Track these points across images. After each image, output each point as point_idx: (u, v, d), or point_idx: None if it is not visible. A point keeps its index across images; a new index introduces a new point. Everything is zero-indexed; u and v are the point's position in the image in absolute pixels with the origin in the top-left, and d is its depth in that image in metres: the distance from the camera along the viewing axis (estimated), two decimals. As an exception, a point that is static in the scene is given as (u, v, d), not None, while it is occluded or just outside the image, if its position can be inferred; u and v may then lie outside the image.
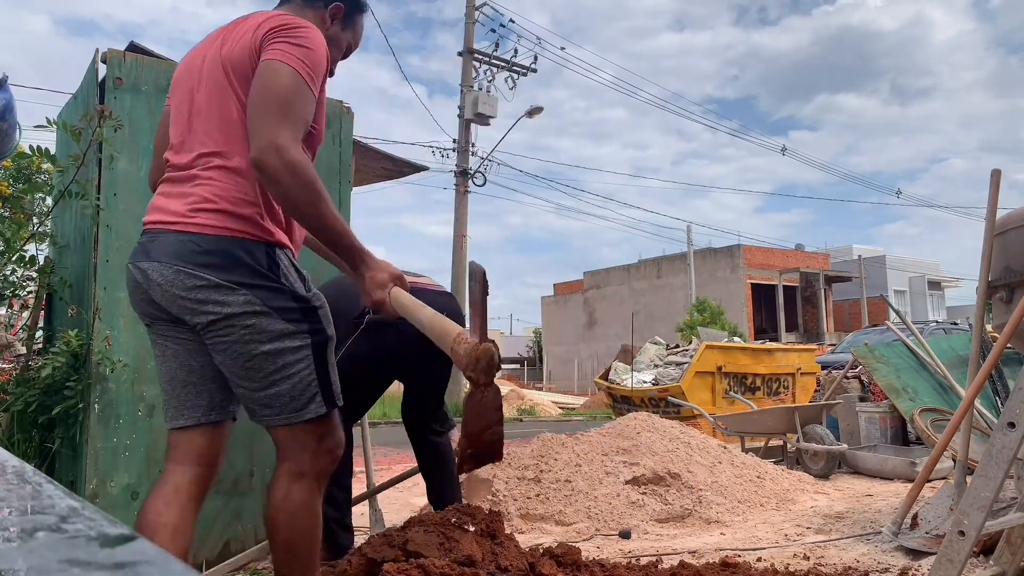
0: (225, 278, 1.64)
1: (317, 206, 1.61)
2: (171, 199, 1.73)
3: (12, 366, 3.24)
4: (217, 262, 1.65)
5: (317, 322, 1.75)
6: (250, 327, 1.65)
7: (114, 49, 2.89)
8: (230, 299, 1.64)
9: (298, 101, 1.64)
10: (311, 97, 1.69)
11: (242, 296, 1.64)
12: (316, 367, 1.73)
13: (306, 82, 1.66)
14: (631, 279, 32.17)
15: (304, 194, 1.59)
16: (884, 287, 29.39)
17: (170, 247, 1.67)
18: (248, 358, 1.67)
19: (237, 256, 1.65)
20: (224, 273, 1.64)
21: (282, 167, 1.57)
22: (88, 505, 0.45)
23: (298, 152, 1.60)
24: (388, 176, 5.39)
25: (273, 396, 1.70)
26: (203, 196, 1.69)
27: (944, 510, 3.29)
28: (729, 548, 3.37)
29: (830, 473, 5.58)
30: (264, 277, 1.67)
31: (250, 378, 1.69)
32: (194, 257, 1.65)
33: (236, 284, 1.64)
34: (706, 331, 11.51)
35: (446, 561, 2.47)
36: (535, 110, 17.87)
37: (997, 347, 2.73)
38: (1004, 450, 1.98)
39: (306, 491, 1.74)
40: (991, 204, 3.17)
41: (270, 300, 1.67)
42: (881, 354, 5.79)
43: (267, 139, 1.58)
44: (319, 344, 1.74)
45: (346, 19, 1.97)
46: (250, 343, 1.66)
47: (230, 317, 1.64)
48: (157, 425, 2.83)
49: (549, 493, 4.05)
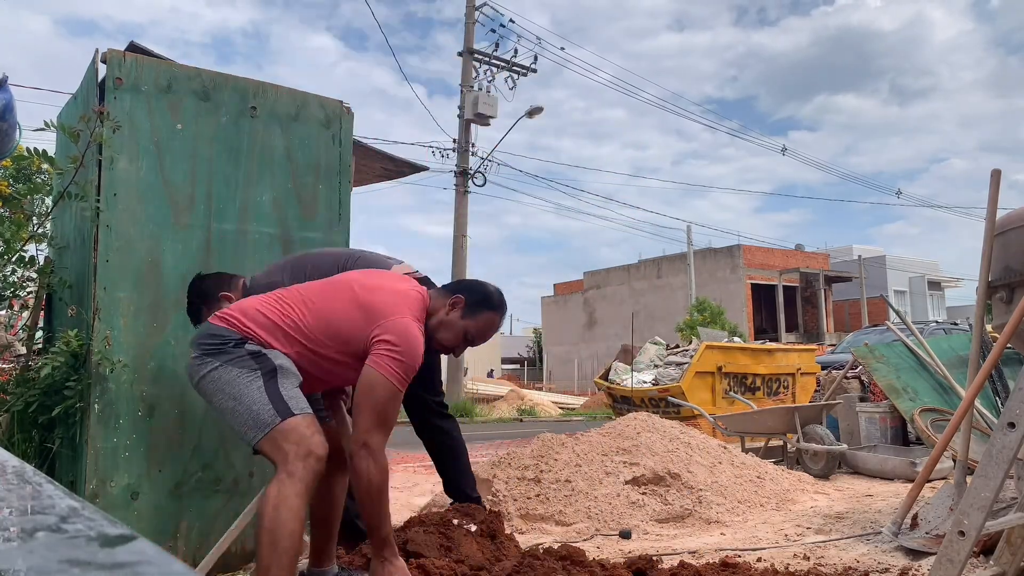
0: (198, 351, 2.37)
1: (378, 503, 2.16)
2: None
3: (12, 366, 3.24)
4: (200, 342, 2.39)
5: (266, 359, 2.27)
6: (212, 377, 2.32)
7: (114, 49, 2.89)
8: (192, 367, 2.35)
9: (391, 408, 2.14)
10: (401, 396, 2.20)
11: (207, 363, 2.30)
12: (267, 391, 2.18)
13: (400, 390, 2.16)
14: (631, 279, 32.17)
15: (375, 494, 2.14)
16: (884, 287, 29.39)
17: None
18: (214, 404, 2.35)
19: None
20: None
21: (367, 464, 2.11)
22: (88, 505, 0.45)
23: (383, 456, 2.14)
24: (388, 176, 5.40)
25: (233, 423, 2.27)
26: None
27: (944, 510, 3.29)
28: (729, 548, 3.37)
29: (830, 473, 5.58)
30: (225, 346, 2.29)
31: (223, 417, 2.34)
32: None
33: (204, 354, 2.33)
34: (706, 331, 11.51)
35: (446, 561, 2.47)
36: (535, 110, 17.86)
37: (997, 347, 2.73)
38: (1004, 450, 1.98)
39: (283, 484, 2.03)
40: (991, 204, 3.17)
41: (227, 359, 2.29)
42: (881, 354, 5.79)
43: (363, 438, 2.11)
44: (268, 372, 2.24)
45: (468, 310, 2.35)
46: (213, 392, 2.32)
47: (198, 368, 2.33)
48: (157, 425, 2.83)
49: (549, 493, 4.05)
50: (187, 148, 2.98)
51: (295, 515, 1.99)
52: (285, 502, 1.99)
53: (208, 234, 2.99)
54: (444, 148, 17.18)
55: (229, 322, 2.21)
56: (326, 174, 3.31)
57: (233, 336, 2.17)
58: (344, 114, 3.39)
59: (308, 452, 2.05)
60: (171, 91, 2.96)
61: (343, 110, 3.39)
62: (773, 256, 30.08)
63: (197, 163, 3.00)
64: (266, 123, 3.17)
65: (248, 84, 3.16)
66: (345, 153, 3.38)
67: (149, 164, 2.89)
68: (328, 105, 3.35)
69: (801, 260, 30.77)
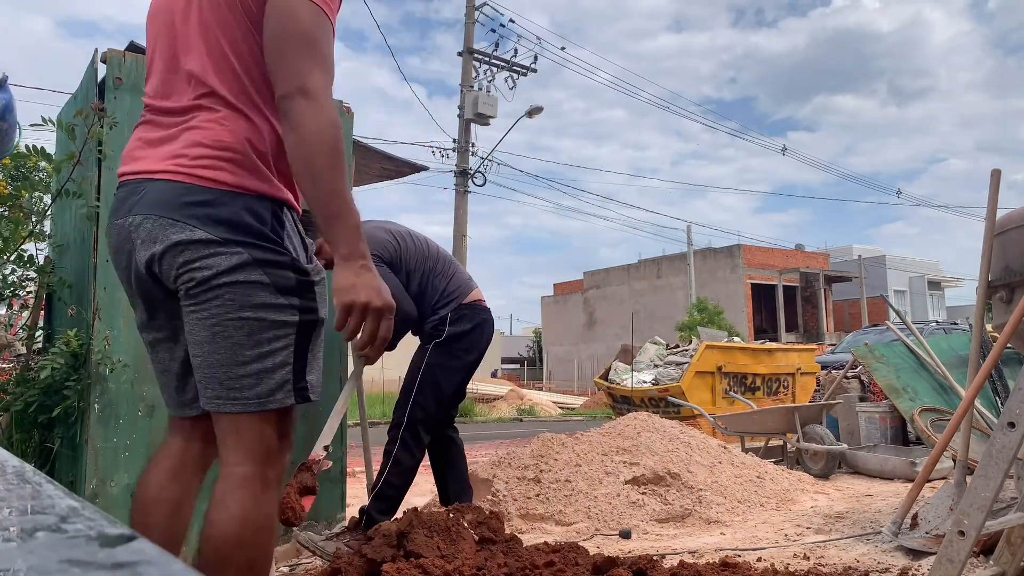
0: (219, 234, 1.39)
1: (336, 168, 1.40)
2: (155, 146, 1.47)
3: (12, 366, 3.24)
4: (212, 215, 1.40)
5: (312, 300, 1.50)
6: (234, 288, 1.40)
7: (114, 49, 2.88)
8: (220, 258, 1.40)
9: (323, 38, 1.43)
10: (332, 33, 1.48)
11: (235, 255, 1.40)
12: (296, 350, 1.47)
13: (327, 16, 1.45)
14: (631, 279, 32.18)
15: (326, 152, 1.39)
16: (884, 287, 29.39)
17: (157, 196, 1.42)
18: (217, 321, 1.41)
19: (236, 210, 1.42)
20: (219, 229, 1.40)
21: (312, 115, 1.38)
22: (88, 505, 0.45)
23: (331, 101, 1.42)
24: (388, 176, 5.39)
25: (235, 374, 1.42)
26: (197, 141, 1.43)
27: (944, 510, 3.29)
28: (729, 548, 3.37)
29: (830, 473, 5.58)
30: (264, 237, 1.43)
31: (214, 344, 1.42)
32: (188, 209, 1.40)
33: (230, 241, 1.40)
34: (706, 331, 11.50)
35: (446, 561, 2.47)
36: (535, 110, 17.86)
37: (997, 347, 2.73)
38: (1004, 450, 1.98)
39: (260, 497, 1.43)
40: (991, 204, 3.17)
41: (265, 264, 1.42)
42: (881, 354, 5.79)
43: (296, 82, 1.38)
44: (306, 324, 1.49)
45: None
46: (228, 306, 1.40)
47: (218, 276, 1.39)
48: (157, 425, 2.83)
49: (549, 493, 4.05)
50: (187, 148, 2.98)
51: (272, 536, 1.52)
52: (259, 522, 1.44)
53: (208, 234, 2.99)
54: (444, 148, 17.19)
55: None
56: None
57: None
58: (344, 114, 3.38)
59: (288, 451, 1.55)
60: (171, 91, 2.96)
61: (343, 110, 3.38)
62: (773, 256, 30.09)
63: (197, 163, 2.99)
64: (266, 123, 3.17)
65: (248, 84, 3.16)
66: (345, 153, 3.38)
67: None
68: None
69: (801, 260, 30.78)
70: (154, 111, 1.53)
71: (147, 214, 1.42)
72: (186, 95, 1.47)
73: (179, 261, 1.40)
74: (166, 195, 1.41)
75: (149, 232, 1.42)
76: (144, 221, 1.43)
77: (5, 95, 2.85)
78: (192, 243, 1.39)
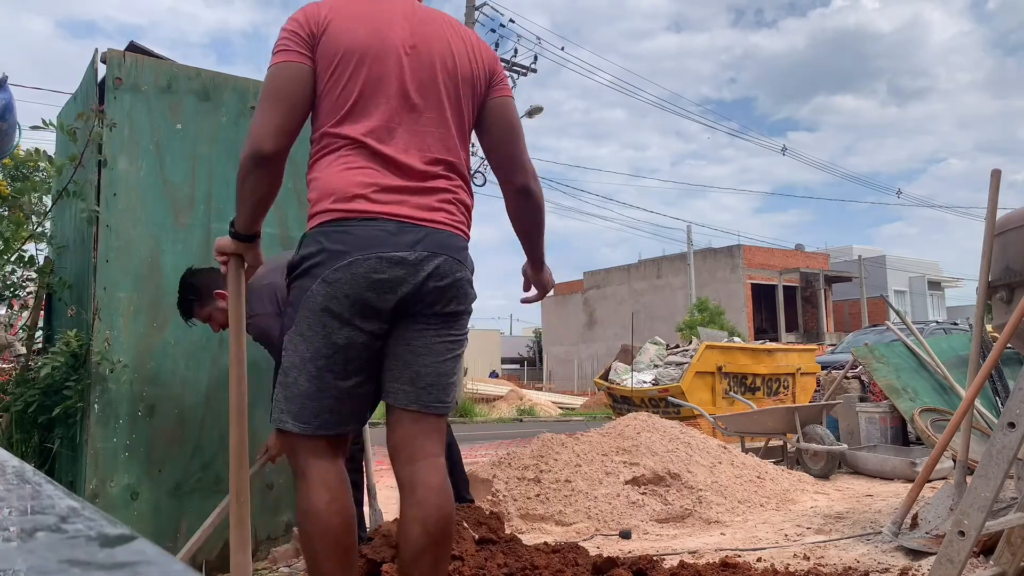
0: (471, 276, 1.84)
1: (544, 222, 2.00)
2: (403, 194, 1.73)
3: (12, 366, 3.24)
4: (470, 261, 1.84)
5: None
6: (467, 317, 1.85)
7: (114, 49, 2.89)
8: (472, 293, 1.83)
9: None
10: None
11: (473, 292, 1.84)
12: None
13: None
14: (631, 279, 32.17)
15: (543, 215, 1.97)
16: (884, 287, 29.39)
17: (443, 240, 1.74)
18: (454, 339, 1.80)
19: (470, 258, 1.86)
20: (470, 272, 1.83)
21: (541, 194, 1.93)
22: (88, 505, 0.45)
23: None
24: (388, 176, 5.39)
25: (450, 382, 1.80)
26: (456, 201, 1.80)
27: (944, 510, 3.29)
28: (729, 548, 3.37)
29: (830, 473, 5.58)
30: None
31: (446, 357, 1.78)
32: (462, 253, 1.78)
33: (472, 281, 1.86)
34: (706, 331, 11.50)
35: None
36: (535, 110, 17.87)
37: (997, 347, 2.73)
38: (1004, 450, 1.98)
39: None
40: (991, 204, 3.17)
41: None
42: (881, 354, 5.79)
43: (531, 169, 1.90)
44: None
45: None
46: (463, 330, 1.83)
47: (469, 307, 1.83)
48: (157, 425, 2.83)
49: (549, 493, 4.05)
50: (187, 148, 2.98)
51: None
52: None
53: (208, 234, 2.99)
54: (444, 148, 17.17)
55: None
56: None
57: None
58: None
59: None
60: (171, 91, 2.96)
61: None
62: (773, 256, 30.08)
63: (197, 163, 3.00)
64: (266, 123, 3.17)
65: (248, 84, 3.16)
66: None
67: (149, 164, 2.89)
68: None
69: (801, 260, 30.77)
70: (386, 159, 1.72)
71: (440, 253, 1.72)
72: (427, 158, 1.75)
73: (453, 293, 1.74)
74: (449, 241, 1.75)
75: (439, 267, 1.71)
76: (435, 258, 1.71)
77: (5, 95, 2.85)
78: (468, 280, 1.80)
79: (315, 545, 1.68)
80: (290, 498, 3.10)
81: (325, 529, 1.67)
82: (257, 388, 3.10)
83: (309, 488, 1.69)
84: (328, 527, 1.67)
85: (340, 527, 1.69)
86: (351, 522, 1.73)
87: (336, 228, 1.67)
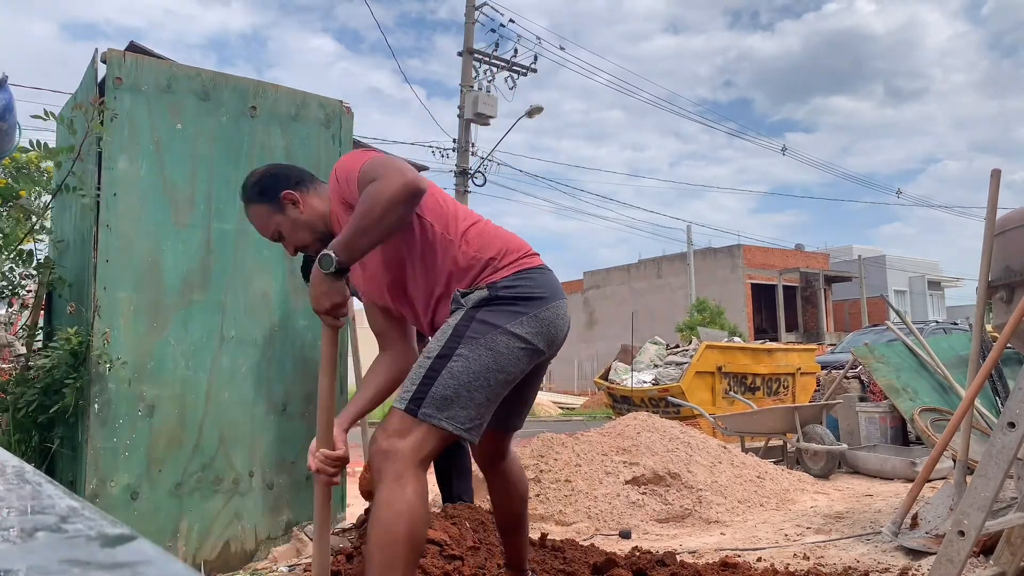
0: None
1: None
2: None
3: (12, 365, 3.24)
4: None
5: None
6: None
7: (114, 49, 2.88)
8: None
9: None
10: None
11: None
12: None
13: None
14: (631, 279, 32.15)
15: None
16: (884, 287, 29.38)
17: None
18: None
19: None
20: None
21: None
22: (88, 505, 0.45)
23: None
24: (388, 176, 5.39)
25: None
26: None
27: (944, 510, 3.29)
28: (729, 548, 3.37)
29: (830, 473, 5.58)
30: None
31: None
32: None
33: None
34: (706, 331, 11.50)
35: (446, 561, 2.47)
36: (535, 110, 17.85)
37: (997, 347, 2.73)
38: (1004, 450, 1.98)
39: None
40: (991, 204, 3.16)
41: None
42: (881, 354, 5.78)
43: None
44: None
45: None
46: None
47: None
48: (157, 425, 2.83)
49: (549, 493, 4.05)
50: (187, 148, 2.98)
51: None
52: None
53: (208, 234, 2.99)
54: (444, 148, 17.19)
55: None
56: (326, 174, 3.31)
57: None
58: (344, 114, 3.39)
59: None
60: (171, 91, 2.96)
61: (343, 110, 3.38)
62: (773, 256, 30.06)
63: (197, 163, 3.00)
64: (266, 123, 3.17)
65: (248, 84, 3.16)
66: (345, 152, 3.38)
67: (149, 164, 2.89)
68: (328, 105, 3.35)
69: (801, 260, 30.75)
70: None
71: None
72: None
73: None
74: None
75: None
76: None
77: (5, 95, 2.85)
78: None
79: (400, 549, 1.70)
80: (290, 498, 3.10)
81: (419, 538, 1.75)
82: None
83: (416, 494, 1.74)
84: (421, 537, 1.76)
85: (424, 538, 1.80)
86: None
87: (540, 272, 1.94)
